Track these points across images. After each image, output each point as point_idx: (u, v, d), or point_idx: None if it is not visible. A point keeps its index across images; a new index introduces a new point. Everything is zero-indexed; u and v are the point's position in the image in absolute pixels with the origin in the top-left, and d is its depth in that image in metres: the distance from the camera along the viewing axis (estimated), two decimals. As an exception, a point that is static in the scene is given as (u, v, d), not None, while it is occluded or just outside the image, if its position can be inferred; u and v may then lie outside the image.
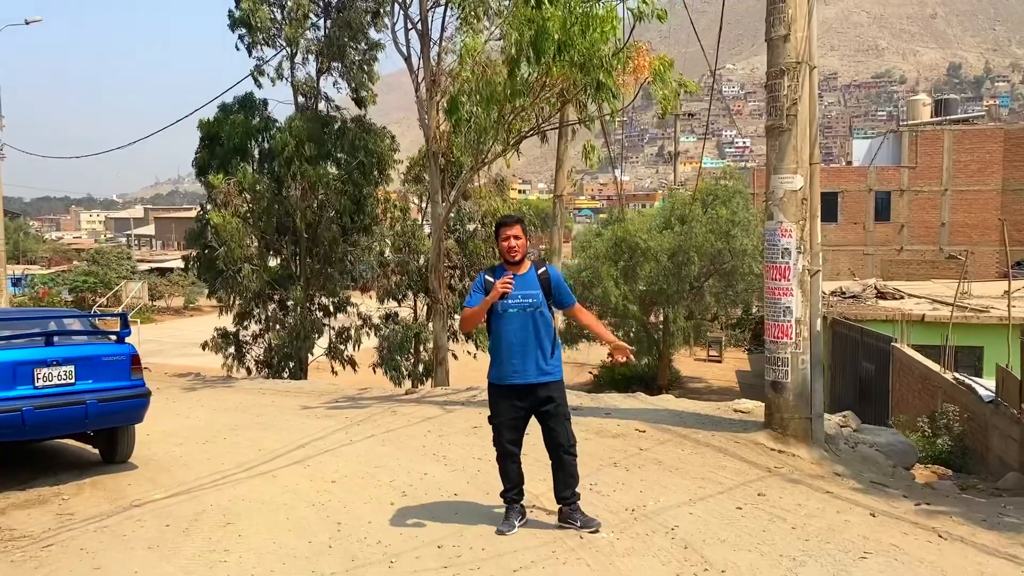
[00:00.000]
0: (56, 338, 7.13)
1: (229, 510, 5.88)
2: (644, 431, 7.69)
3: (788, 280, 7.11)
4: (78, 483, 6.98)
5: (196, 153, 19.02)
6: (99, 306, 41.56)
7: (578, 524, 5.05)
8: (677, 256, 21.93)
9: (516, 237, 5.03)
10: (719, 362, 30.47)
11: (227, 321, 20.16)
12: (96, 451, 7.86)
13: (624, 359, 5.25)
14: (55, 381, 6.90)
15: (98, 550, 5.01)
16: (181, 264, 23.63)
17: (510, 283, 4.94)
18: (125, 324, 7.72)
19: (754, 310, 30.84)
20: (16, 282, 50.41)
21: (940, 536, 4.95)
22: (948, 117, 41.25)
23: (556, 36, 9.29)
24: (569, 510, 5.11)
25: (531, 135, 12.89)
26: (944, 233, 37.55)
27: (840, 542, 4.80)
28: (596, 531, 4.99)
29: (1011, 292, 14.67)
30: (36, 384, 6.80)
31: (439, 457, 7.15)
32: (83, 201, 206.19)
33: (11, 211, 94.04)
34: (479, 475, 6.46)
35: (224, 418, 10.41)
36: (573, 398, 9.76)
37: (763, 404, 8.35)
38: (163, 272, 52.99)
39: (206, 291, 23.12)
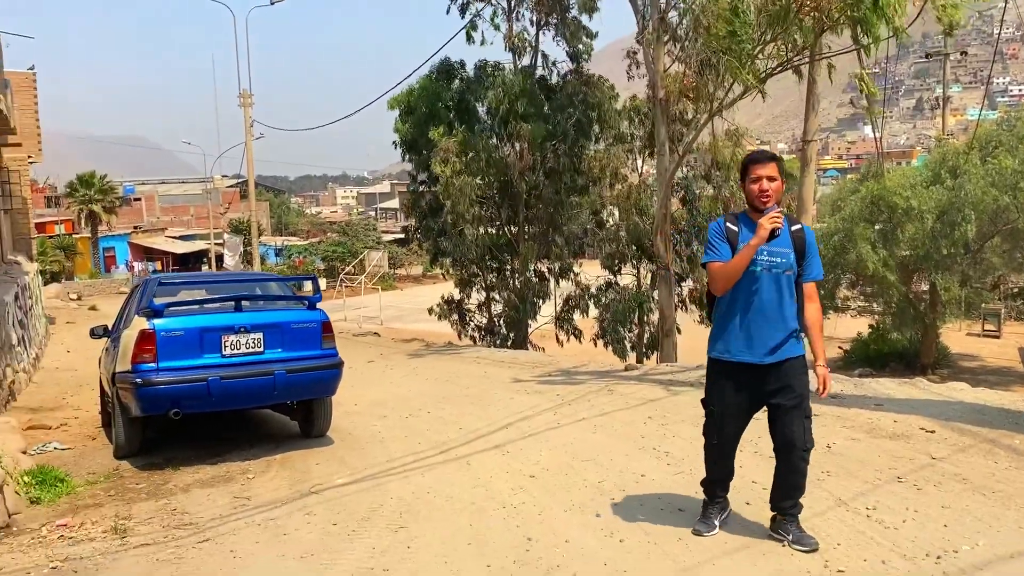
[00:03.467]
0: (245, 303, 6.64)
1: (409, 506, 4.99)
2: (933, 431, 5.87)
3: None
4: (268, 459, 6.48)
5: (396, 122, 18.76)
6: (345, 273, 44.07)
7: (790, 538, 3.98)
8: (948, 215, 18.71)
9: (771, 178, 3.89)
10: (997, 338, 26.23)
11: (452, 288, 20.07)
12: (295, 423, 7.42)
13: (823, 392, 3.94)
14: (243, 349, 6.40)
15: (247, 554, 4.26)
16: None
17: (779, 219, 3.82)
18: (316, 288, 7.14)
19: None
20: (278, 252, 55.27)
21: None
22: None
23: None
24: (784, 520, 4.06)
25: (779, 71, 11.01)
26: None
27: None
28: (814, 551, 3.86)
29: None
30: (224, 352, 6.33)
31: (660, 453, 5.83)
32: (338, 178, 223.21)
33: (277, 188, 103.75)
34: (711, 482, 5.08)
35: (434, 389, 9.87)
36: (833, 383, 8.01)
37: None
38: (402, 243, 55.44)
39: (431, 260, 23.18)
